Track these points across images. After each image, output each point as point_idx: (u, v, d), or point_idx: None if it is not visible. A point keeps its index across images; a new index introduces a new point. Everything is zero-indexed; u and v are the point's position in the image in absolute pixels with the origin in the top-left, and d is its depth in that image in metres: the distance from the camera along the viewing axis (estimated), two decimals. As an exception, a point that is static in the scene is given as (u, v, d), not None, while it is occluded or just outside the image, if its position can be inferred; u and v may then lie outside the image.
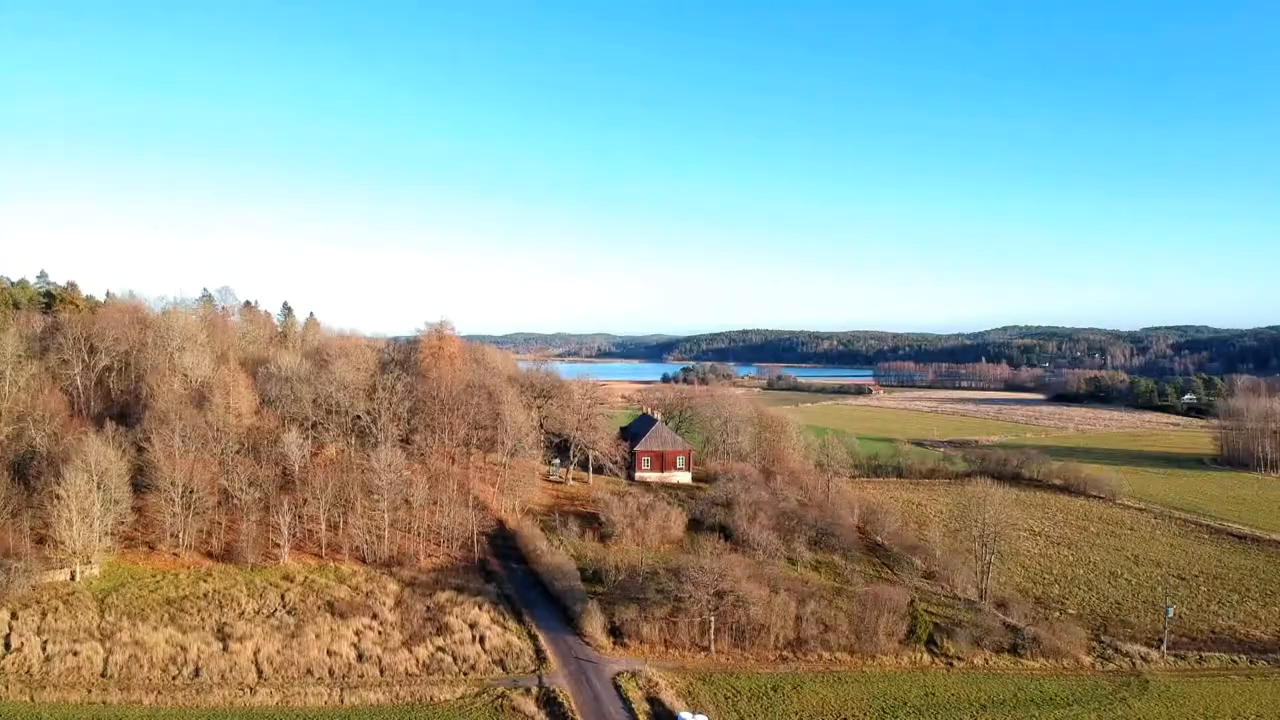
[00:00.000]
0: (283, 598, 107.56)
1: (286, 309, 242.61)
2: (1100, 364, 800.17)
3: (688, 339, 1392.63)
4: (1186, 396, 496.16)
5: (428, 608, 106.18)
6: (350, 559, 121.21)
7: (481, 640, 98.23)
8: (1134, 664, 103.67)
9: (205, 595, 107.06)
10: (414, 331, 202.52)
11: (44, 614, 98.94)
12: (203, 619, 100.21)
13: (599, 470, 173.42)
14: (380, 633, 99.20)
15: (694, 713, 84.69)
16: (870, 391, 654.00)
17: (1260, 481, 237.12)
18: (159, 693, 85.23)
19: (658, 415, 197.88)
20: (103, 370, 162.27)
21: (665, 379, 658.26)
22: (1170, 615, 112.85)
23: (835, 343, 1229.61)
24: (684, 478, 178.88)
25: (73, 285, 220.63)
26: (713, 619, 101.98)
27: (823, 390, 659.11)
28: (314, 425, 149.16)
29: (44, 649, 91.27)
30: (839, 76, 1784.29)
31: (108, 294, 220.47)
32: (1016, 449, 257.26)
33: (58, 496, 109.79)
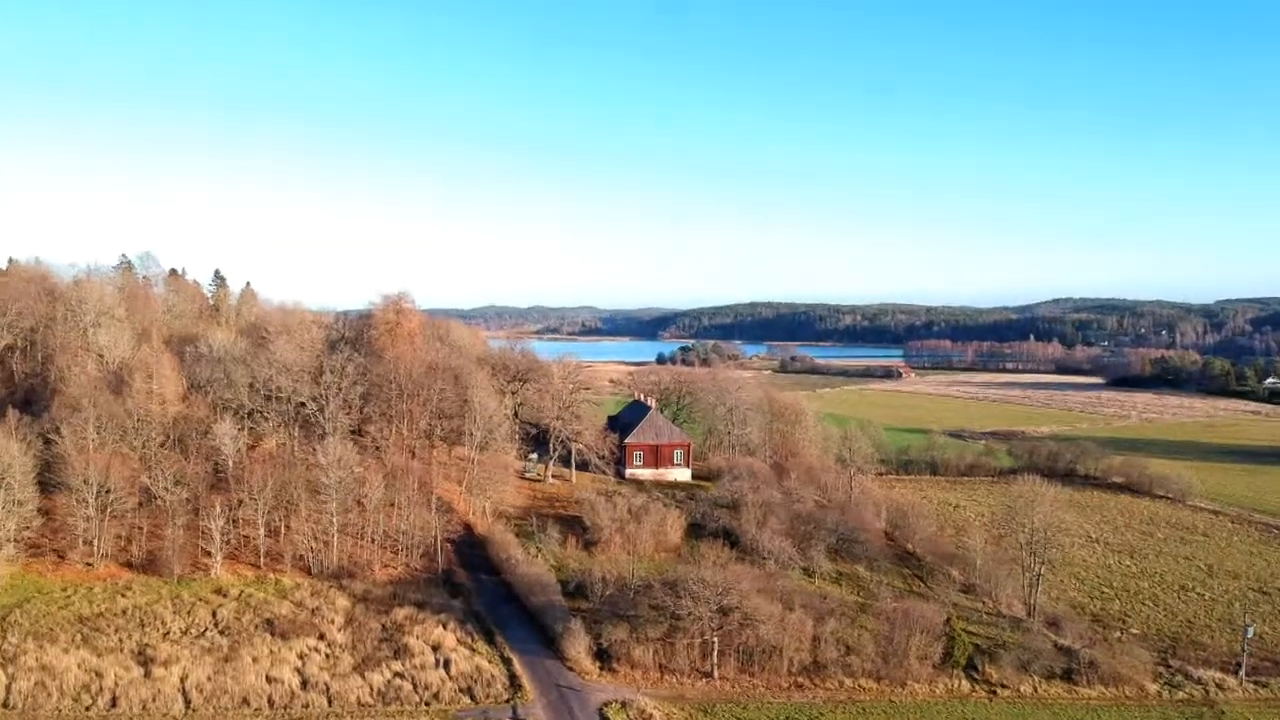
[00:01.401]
0: (214, 615, 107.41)
1: (219, 278, 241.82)
2: (1168, 342, 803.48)
3: (687, 313, 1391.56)
4: (1269, 380, 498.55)
5: (384, 626, 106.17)
6: (293, 570, 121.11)
7: (446, 664, 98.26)
8: (1207, 693, 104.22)
9: (124, 612, 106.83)
10: (367, 305, 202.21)
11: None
12: (121, 640, 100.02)
13: (583, 466, 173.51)
14: (328, 656, 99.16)
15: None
16: (900, 374, 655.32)
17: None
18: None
19: (652, 402, 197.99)
20: (4, 349, 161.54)
21: (660, 359, 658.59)
22: (1250, 636, 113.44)
23: (859, 317, 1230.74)
24: (682, 475, 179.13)
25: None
26: (716, 640, 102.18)
27: (844, 373, 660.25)
28: (251, 414, 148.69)
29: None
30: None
31: (10, 260, 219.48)
32: (1070, 441, 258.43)
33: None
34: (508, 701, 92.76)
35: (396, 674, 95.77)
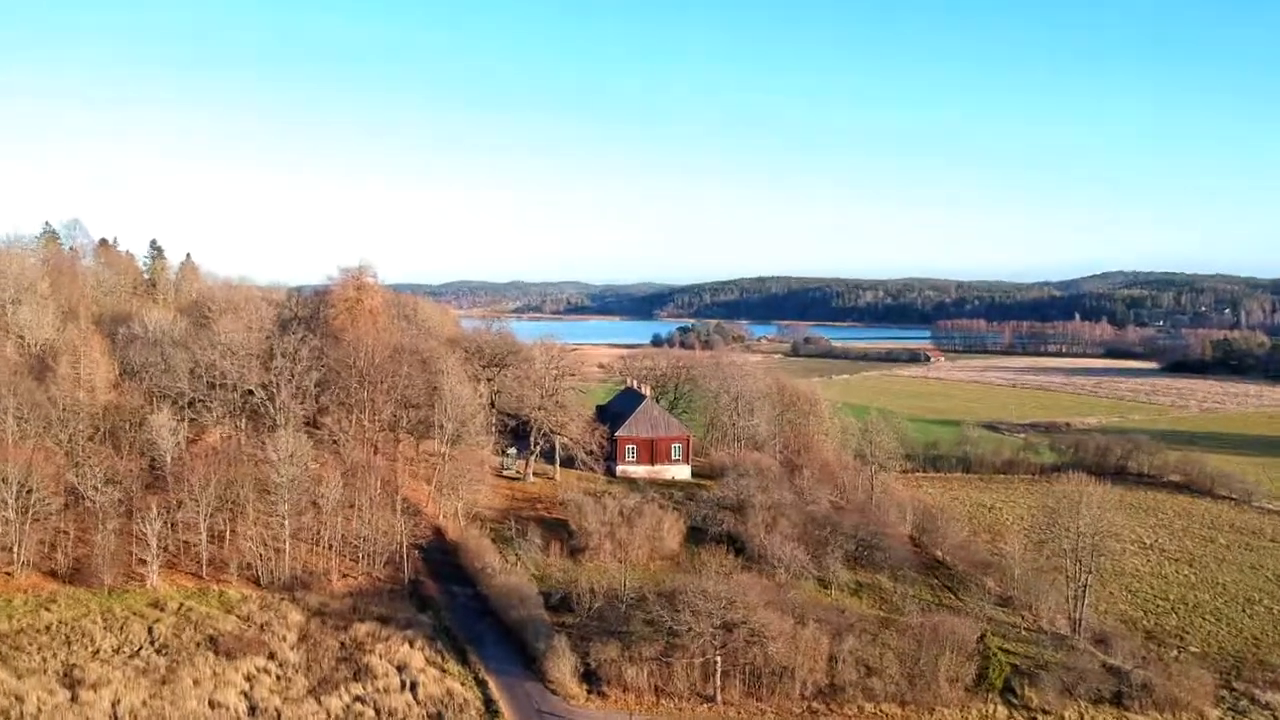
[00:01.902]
0: (150, 631, 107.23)
1: (155, 249, 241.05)
2: (1231, 322, 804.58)
3: (687, 290, 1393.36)
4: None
5: (342, 644, 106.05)
6: (239, 580, 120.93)
7: (413, 687, 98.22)
8: (1276, 718, 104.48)
9: (48, 628, 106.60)
10: (324, 280, 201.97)
11: None
12: (44, 660, 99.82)
13: (569, 462, 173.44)
14: (279, 677, 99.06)
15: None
16: (928, 359, 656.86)
17: None
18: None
19: (646, 390, 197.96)
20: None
21: (657, 341, 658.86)
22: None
23: (881, 294, 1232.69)
24: (681, 472, 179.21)
25: None
26: (719, 659, 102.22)
27: (864, 357, 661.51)
28: (192, 403, 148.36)
29: None
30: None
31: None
32: (1121, 434, 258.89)
33: None
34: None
35: (357, 698, 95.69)
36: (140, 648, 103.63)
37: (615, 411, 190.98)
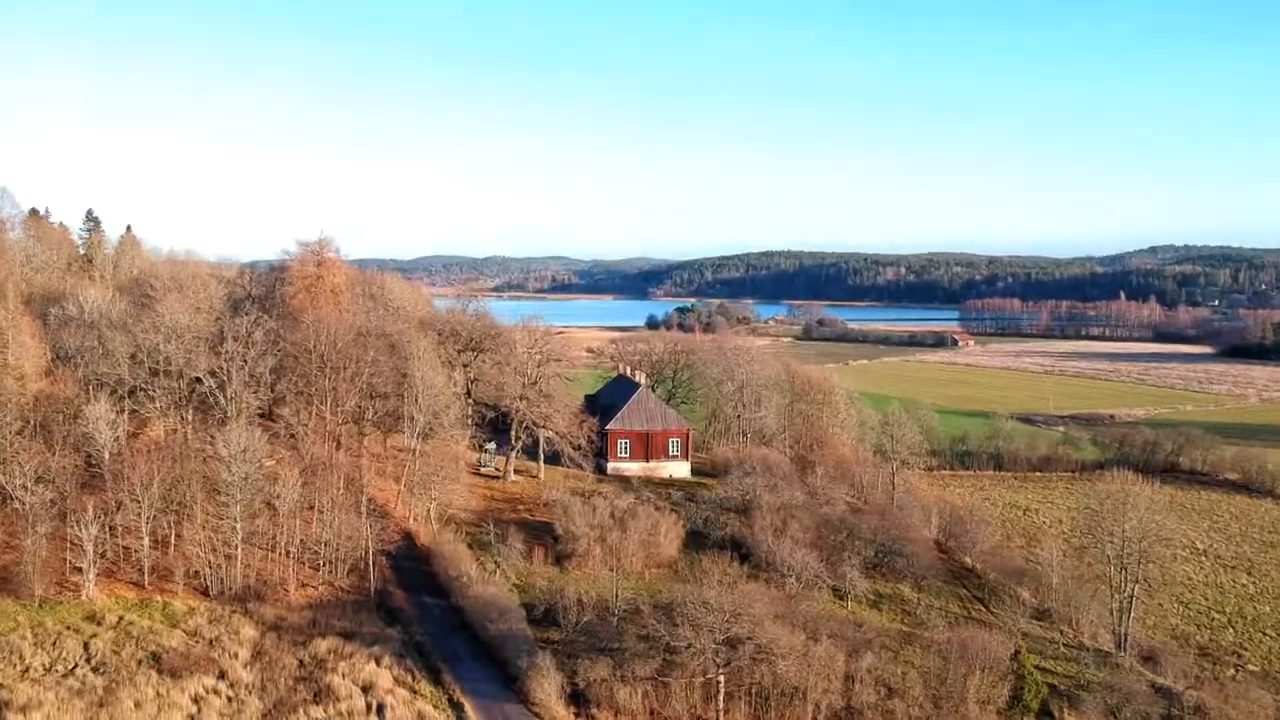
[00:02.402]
0: (86, 648, 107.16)
1: (92, 221, 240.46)
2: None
3: (685, 265, 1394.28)
4: None
5: (301, 662, 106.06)
6: (186, 590, 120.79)
7: (380, 710, 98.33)
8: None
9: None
10: (281, 255, 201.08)
11: None
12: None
13: (554, 459, 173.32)
14: (230, 699, 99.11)
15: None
16: (956, 342, 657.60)
17: None
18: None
19: (641, 378, 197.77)
20: None
21: (652, 323, 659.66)
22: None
23: (904, 271, 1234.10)
24: (679, 469, 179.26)
25: None
26: (722, 679, 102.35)
27: (885, 340, 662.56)
28: (133, 392, 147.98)
29: None
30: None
31: None
32: (1171, 428, 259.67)
33: None
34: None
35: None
36: (75, 666, 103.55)
37: (606, 402, 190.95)
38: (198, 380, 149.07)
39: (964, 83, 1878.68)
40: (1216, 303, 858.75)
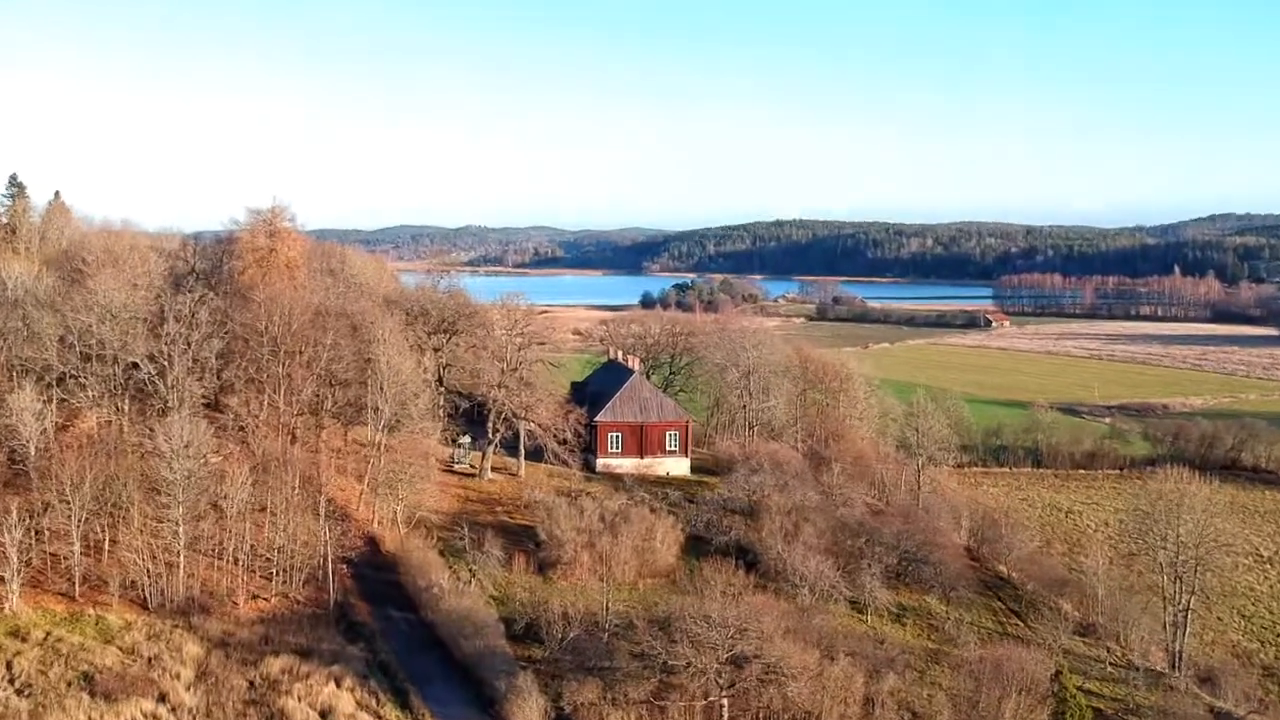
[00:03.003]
0: (9, 667, 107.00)
1: (15, 186, 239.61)
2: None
3: (685, 236, 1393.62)
4: None
5: (251, 684, 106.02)
6: (122, 602, 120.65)
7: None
8: None
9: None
10: (229, 226, 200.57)
11: None
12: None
13: (536, 454, 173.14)
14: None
15: None
16: (989, 323, 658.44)
17: None
18: None
19: (634, 363, 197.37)
20: None
21: (647, 302, 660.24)
22: None
23: (930, 242, 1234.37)
24: (678, 466, 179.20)
25: None
26: (725, 703, 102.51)
27: (909, 321, 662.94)
28: (61, 380, 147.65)
29: None
30: None
31: None
32: (1232, 419, 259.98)
33: None
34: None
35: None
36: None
37: (595, 390, 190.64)
38: (135, 366, 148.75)
39: (994, 26, 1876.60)
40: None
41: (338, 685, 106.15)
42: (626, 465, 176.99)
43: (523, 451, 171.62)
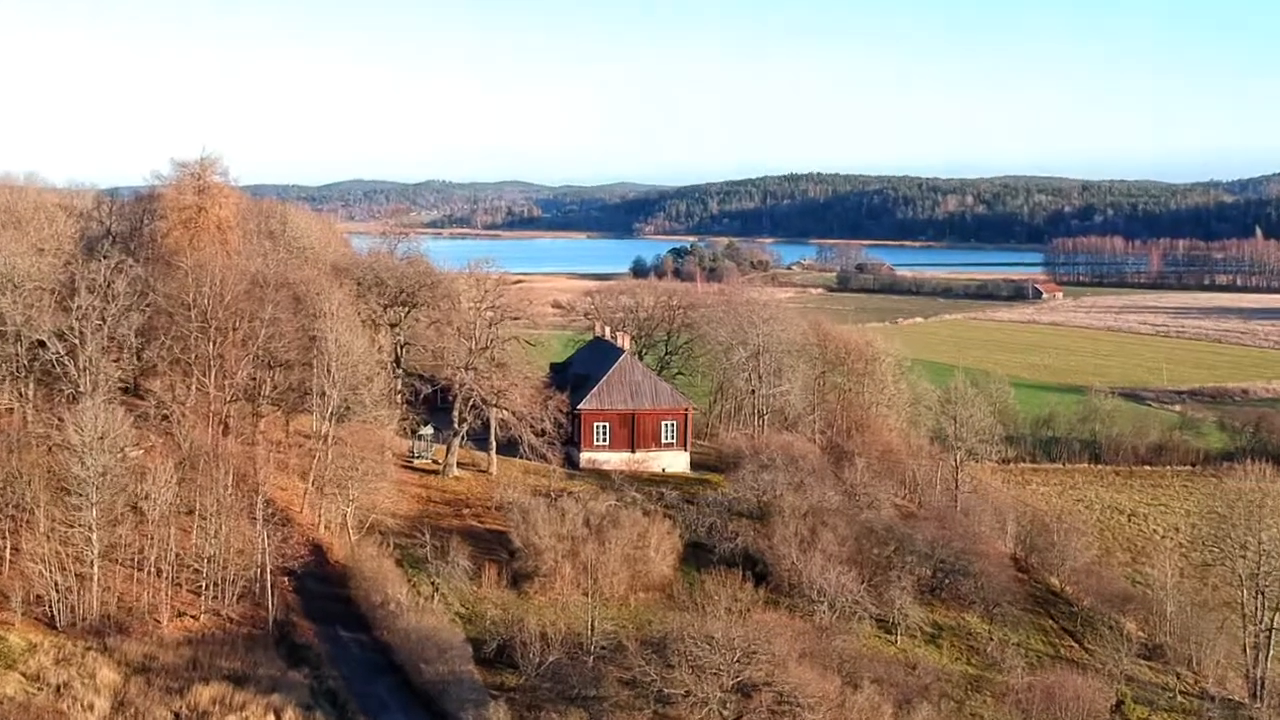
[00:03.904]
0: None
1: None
2: None
3: (684, 193, 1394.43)
4: None
5: (176, 716, 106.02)
6: (26, 621, 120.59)
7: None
8: None
9: None
10: (151, 180, 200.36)
11: None
12: None
13: (510, 448, 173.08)
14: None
15: None
16: (1039, 294, 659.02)
17: None
18: None
19: (624, 341, 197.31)
20: None
21: (639, 270, 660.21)
22: None
23: (970, 200, 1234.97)
24: (675, 462, 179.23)
25: None
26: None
27: (945, 292, 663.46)
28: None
29: None
30: None
31: None
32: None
33: None
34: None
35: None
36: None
37: (579, 373, 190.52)
38: (41, 345, 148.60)
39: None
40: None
41: (277, 717, 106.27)
42: (615, 460, 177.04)
43: (494, 444, 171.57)
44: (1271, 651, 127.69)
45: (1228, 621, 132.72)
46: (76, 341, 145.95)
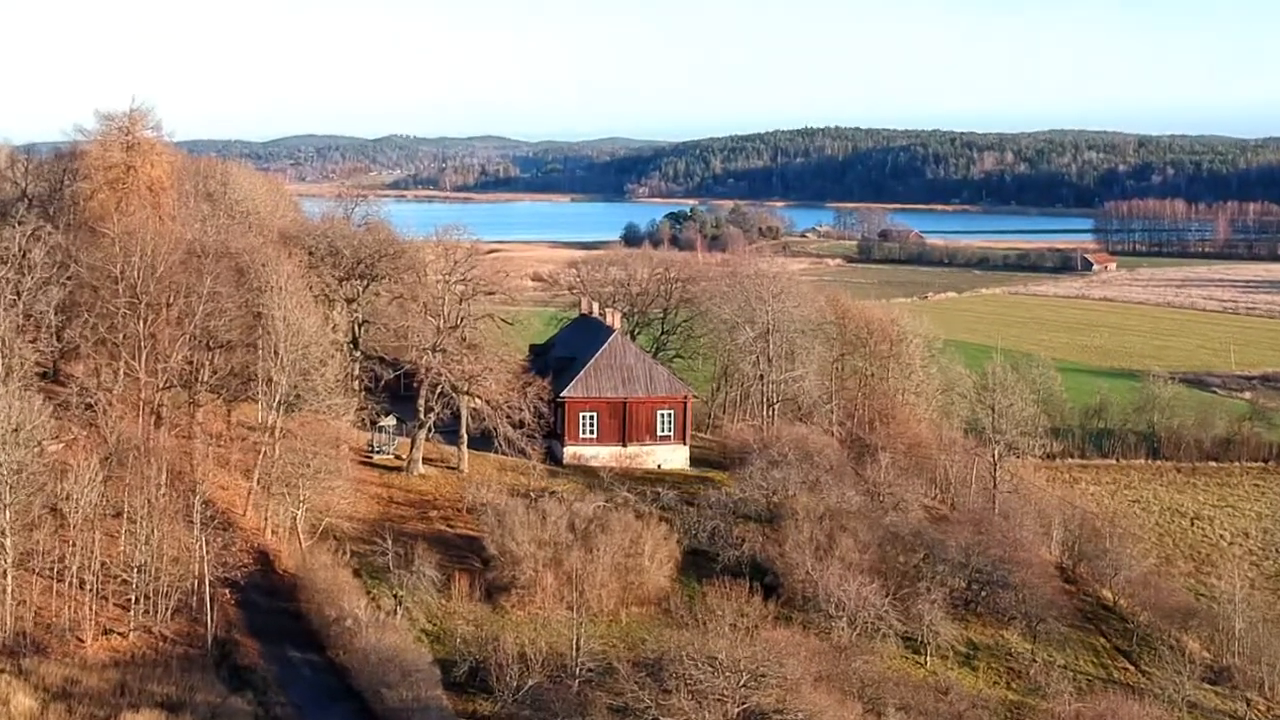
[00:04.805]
0: None
1: None
2: None
3: (683, 150, 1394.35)
4: None
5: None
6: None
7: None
8: None
9: None
10: (73, 135, 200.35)
11: None
12: None
13: (483, 442, 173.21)
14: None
15: None
16: (1089, 265, 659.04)
17: None
18: None
19: (614, 319, 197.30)
20: None
21: (632, 237, 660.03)
22: None
23: (1010, 158, 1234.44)
24: (673, 457, 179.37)
25: None
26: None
27: (982, 262, 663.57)
28: None
29: None
30: None
31: None
32: None
33: None
34: None
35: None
36: None
37: (562, 355, 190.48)
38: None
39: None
40: None
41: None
42: (604, 455, 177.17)
43: (465, 438, 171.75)
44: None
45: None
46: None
